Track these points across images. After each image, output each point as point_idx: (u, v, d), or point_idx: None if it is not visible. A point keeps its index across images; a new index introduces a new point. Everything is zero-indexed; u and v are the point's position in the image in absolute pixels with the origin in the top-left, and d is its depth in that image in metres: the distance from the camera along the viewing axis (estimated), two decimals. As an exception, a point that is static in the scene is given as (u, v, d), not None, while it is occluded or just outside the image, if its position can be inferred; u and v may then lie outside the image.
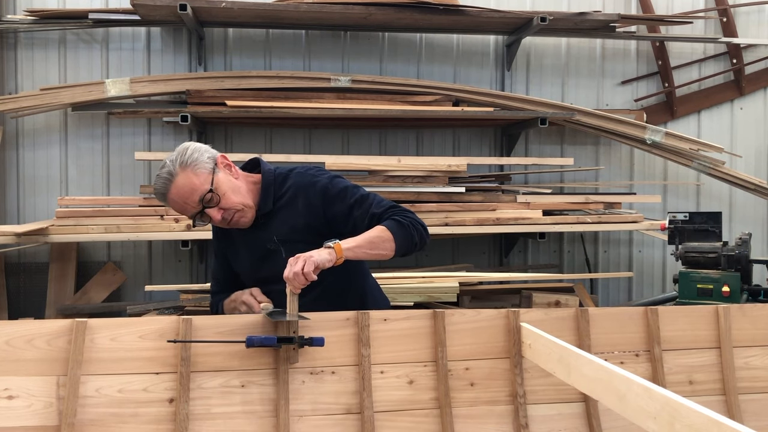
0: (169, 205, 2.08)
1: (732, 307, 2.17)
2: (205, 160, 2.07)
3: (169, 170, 2.03)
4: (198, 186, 2.03)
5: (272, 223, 2.16)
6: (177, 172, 2.02)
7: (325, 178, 2.18)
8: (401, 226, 2.06)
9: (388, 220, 2.06)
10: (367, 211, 2.10)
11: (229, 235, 2.26)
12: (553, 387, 1.98)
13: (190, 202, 2.03)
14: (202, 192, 2.03)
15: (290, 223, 2.14)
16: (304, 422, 1.82)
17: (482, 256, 4.43)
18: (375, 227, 2.04)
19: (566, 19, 4.00)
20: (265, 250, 2.16)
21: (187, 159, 2.04)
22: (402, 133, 4.35)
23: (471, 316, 1.99)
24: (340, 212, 2.11)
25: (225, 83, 3.82)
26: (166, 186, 2.03)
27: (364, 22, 3.99)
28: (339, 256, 1.90)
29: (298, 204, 2.14)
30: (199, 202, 2.03)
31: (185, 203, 2.04)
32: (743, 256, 3.10)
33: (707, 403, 1.57)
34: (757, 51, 4.63)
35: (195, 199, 2.03)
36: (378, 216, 2.09)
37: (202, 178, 2.04)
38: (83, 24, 3.93)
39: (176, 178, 2.02)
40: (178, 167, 2.03)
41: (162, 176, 2.04)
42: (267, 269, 2.13)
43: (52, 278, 3.94)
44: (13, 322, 1.91)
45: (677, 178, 4.58)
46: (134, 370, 1.76)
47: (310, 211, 2.12)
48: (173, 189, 2.02)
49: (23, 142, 4.04)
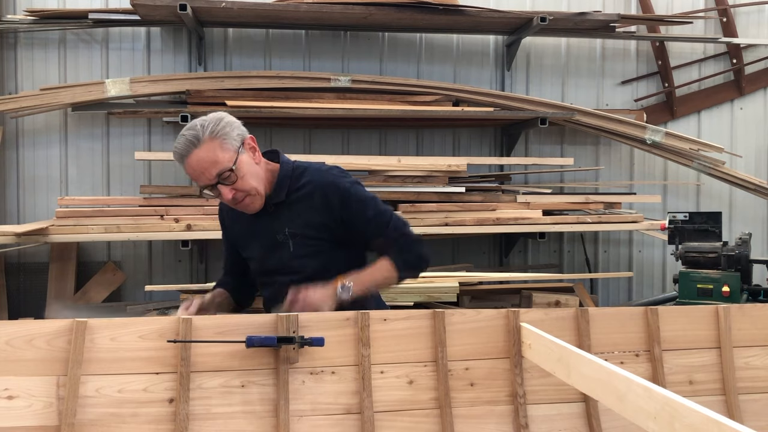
0: (184, 168, 2.01)
1: (732, 307, 2.17)
2: (234, 137, 2.01)
3: (196, 134, 1.96)
4: (221, 160, 1.97)
5: (284, 215, 2.13)
6: (204, 139, 1.96)
7: (347, 181, 2.15)
8: (407, 267, 2.15)
9: (399, 258, 2.12)
10: (382, 232, 2.13)
11: (238, 221, 2.22)
12: (553, 387, 1.98)
13: (207, 174, 1.97)
14: (223, 167, 1.97)
15: (304, 218, 2.11)
16: (304, 422, 1.81)
17: (482, 256, 4.43)
18: (384, 265, 2.11)
19: (566, 19, 4.00)
20: (274, 240, 2.13)
21: (218, 129, 1.98)
22: (402, 133, 4.35)
23: (471, 316, 1.99)
24: (357, 221, 2.11)
25: (225, 83, 3.82)
26: (188, 149, 1.96)
27: (364, 22, 3.99)
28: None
29: (315, 200, 2.10)
30: (216, 176, 1.97)
31: (202, 173, 1.98)
32: (743, 256, 3.10)
33: (707, 403, 1.57)
34: (757, 51, 4.63)
35: (213, 173, 1.97)
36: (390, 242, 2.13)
37: (228, 154, 1.98)
38: (83, 24, 3.93)
39: (202, 144, 1.95)
40: (207, 135, 1.96)
41: (187, 137, 1.96)
42: (274, 260, 2.14)
43: (52, 278, 3.94)
44: (13, 322, 1.90)
45: (677, 178, 4.58)
46: (134, 370, 1.76)
47: (327, 209, 2.09)
48: (195, 155, 1.96)
49: (23, 142, 4.04)
